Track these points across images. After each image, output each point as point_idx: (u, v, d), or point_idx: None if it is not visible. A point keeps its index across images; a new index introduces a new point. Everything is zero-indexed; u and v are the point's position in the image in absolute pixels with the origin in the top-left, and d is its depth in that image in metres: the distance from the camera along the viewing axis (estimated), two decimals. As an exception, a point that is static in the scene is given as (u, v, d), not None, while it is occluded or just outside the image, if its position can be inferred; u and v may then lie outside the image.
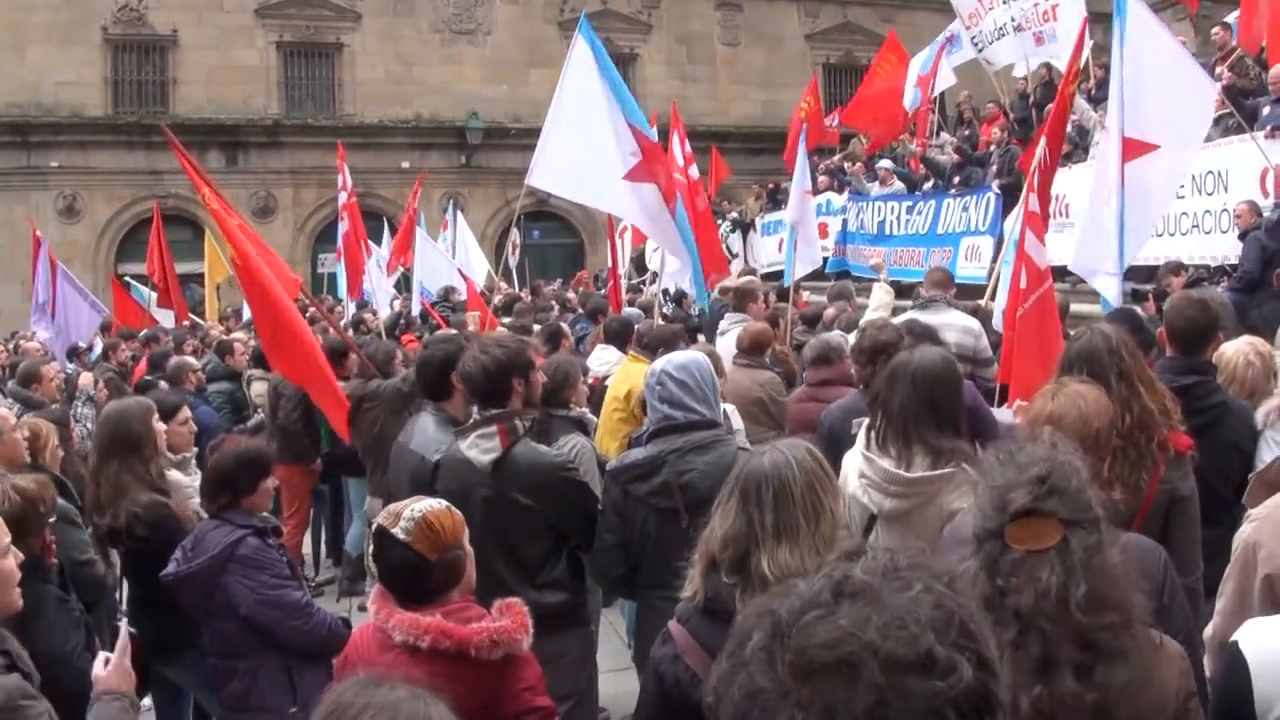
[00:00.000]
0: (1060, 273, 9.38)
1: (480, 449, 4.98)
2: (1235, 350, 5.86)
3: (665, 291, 15.17)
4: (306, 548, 11.18)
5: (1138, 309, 8.85)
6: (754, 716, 1.32)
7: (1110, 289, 8.56)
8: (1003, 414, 6.81)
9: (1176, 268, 10.54)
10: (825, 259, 20.75)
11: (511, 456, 4.96)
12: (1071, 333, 5.83)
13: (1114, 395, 4.03)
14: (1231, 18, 16.03)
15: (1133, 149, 8.36)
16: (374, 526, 3.77)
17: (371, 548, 3.76)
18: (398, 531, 3.62)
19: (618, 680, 6.73)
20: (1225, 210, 12.60)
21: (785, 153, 16.78)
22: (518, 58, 31.16)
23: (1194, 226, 13.20)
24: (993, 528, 2.60)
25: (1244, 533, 3.65)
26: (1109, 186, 8.46)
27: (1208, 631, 3.69)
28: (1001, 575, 2.55)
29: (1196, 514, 4.48)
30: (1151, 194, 8.73)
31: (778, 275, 14.29)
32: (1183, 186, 13.41)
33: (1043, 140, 8.92)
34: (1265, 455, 5.01)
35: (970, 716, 1.29)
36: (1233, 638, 2.82)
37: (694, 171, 12.96)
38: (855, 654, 1.29)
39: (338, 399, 8.57)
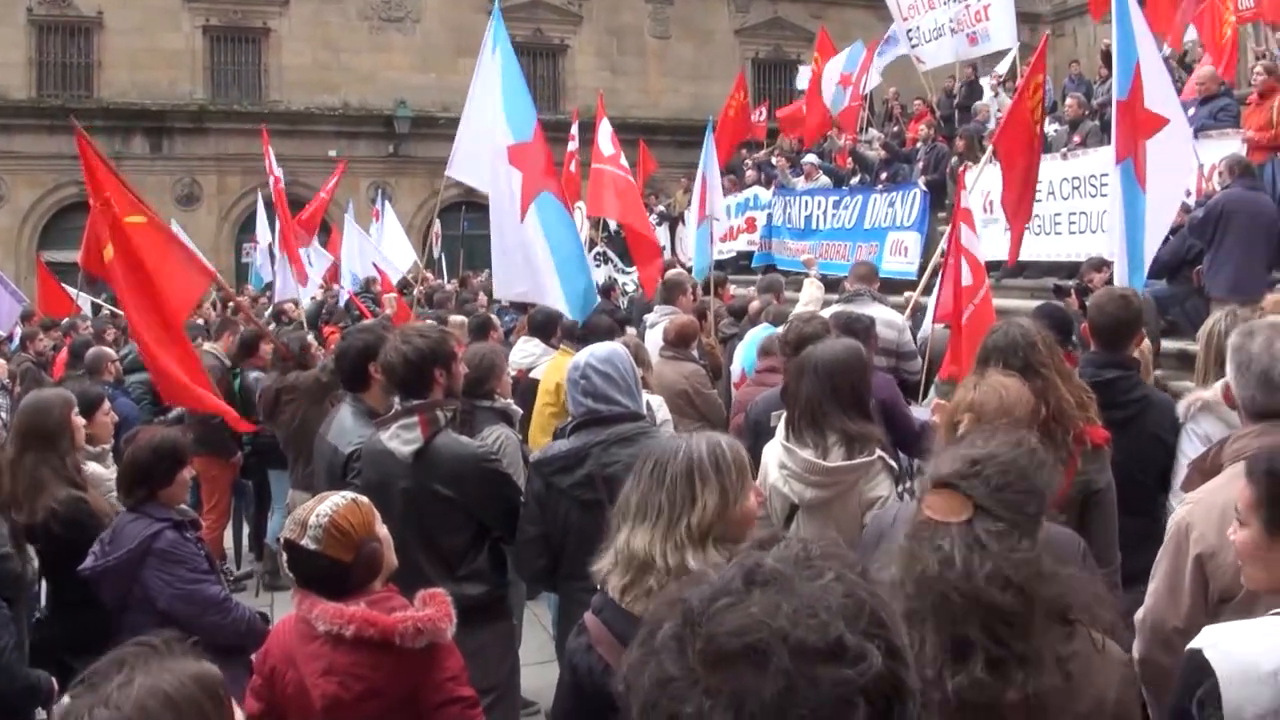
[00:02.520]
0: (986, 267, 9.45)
1: (401, 440, 4.94)
2: None
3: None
4: (228, 541, 11.06)
5: (1063, 304, 8.96)
6: (663, 705, 1.32)
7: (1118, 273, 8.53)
8: (920, 411, 6.91)
9: (1099, 264, 10.67)
10: (752, 253, 20.95)
11: (433, 447, 4.93)
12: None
13: (1031, 388, 4.08)
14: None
15: (1152, 124, 8.35)
16: (281, 540, 3.71)
17: (285, 558, 3.70)
18: (307, 542, 3.56)
19: (544, 672, 6.69)
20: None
21: (719, 150, 16.74)
22: (447, 46, 30.89)
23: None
24: (920, 497, 2.69)
25: (1177, 515, 3.71)
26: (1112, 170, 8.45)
27: (1139, 614, 3.75)
28: (912, 535, 2.64)
29: (1113, 506, 4.58)
30: (1175, 170, 8.70)
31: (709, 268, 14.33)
32: (1106, 185, 13.69)
33: (990, 148, 9.01)
34: (1186, 447, 5.11)
35: (879, 704, 1.29)
36: (1194, 645, 2.79)
37: (624, 161, 12.88)
38: (764, 641, 1.28)
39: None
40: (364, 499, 3.78)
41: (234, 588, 9.09)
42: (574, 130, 14.86)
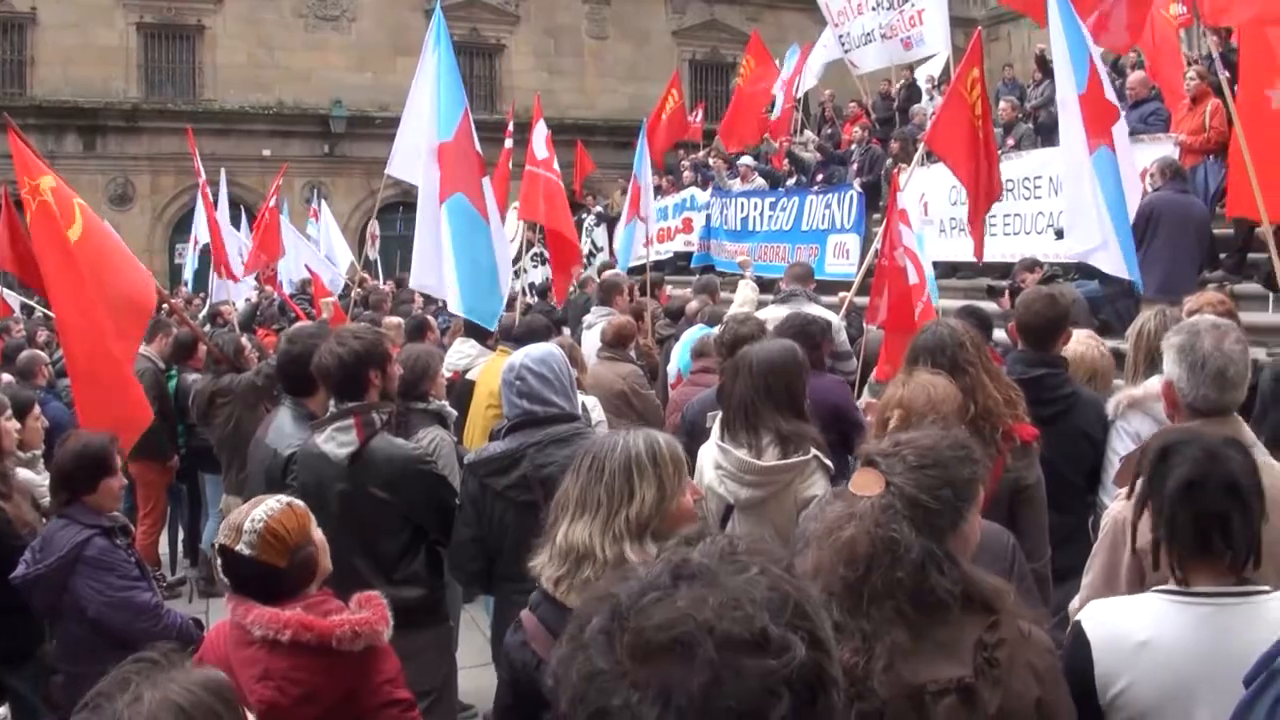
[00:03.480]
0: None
1: (336, 442, 4.92)
2: (1084, 345, 6.15)
3: (531, 285, 15.15)
4: (164, 547, 10.93)
5: (981, 305, 9.06)
6: (591, 698, 1.34)
7: (1111, 263, 8.59)
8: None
9: (1031, 264, 10.82)
10: (690, 253, 21.05)
11: (368, 450, 4.92)
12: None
13: (958, 386, 4.15)
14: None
15: (1111, 114, 8.41)
16: (216, 545, 3.68)
17: (219, 563, 3.67)
18: (242, 548, 3.54)
19: (482, 675, 6.69)
20: (1064, 212, 13.00)
21: (653, 151, 16.86)
22: (383, 45, 30.72)
23: (1049, 225, 13.63)
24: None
25: (1114, 510, 3.76)
26: (1080, 160, 8.49)
27: (1074, 605, 3.82)
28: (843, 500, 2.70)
29: (1043, 502, 4.65)
30: (1130, 154, 8.79)
31: (642, 269, 14.41)
32: (1040, 187, 13.92)
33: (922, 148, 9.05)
34: (1117, 444, 5.21)
35: (803, 694, 1.32)
36: (1076, 617, 2.99)
37: (555, 165, 12.89)
38: (690, 634, 1.31)
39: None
40: (299, 503, 3.76)
41: (168, 594, 8.99)
42: (509, 128, 14.82)
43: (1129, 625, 2.91)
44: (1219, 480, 2.91)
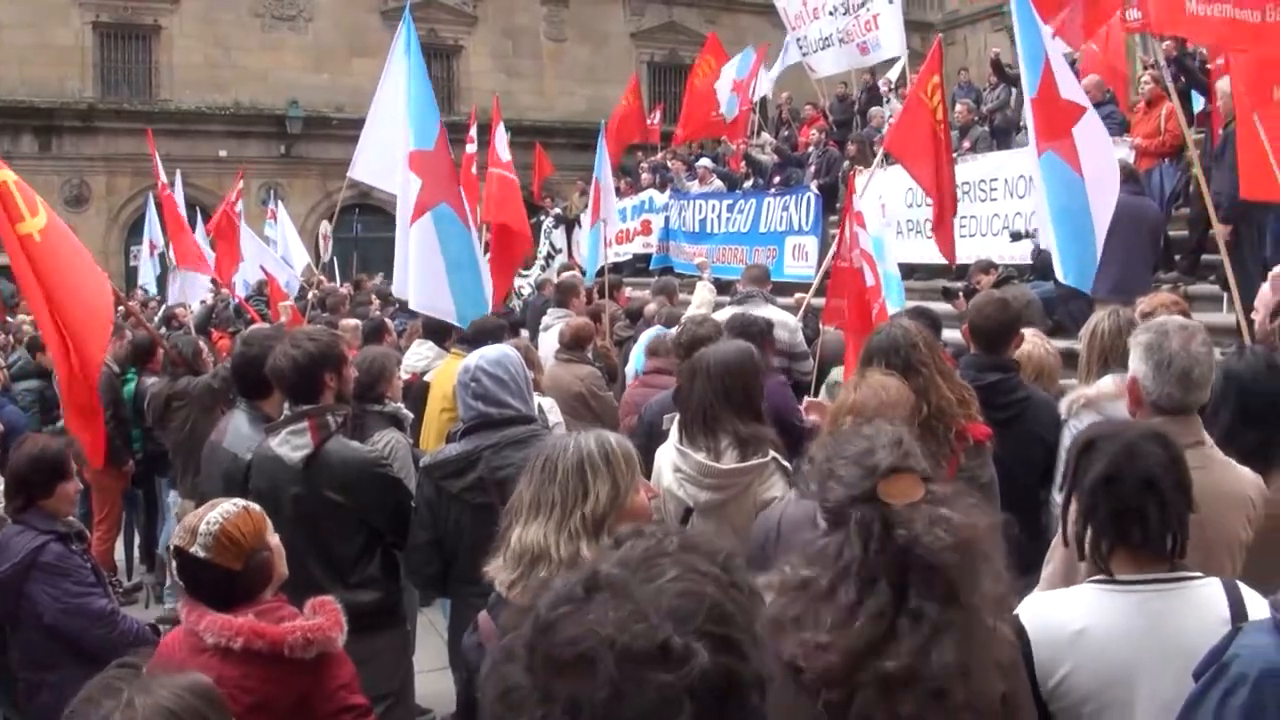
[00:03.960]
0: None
1: (291, 446, 4.89)
2: (1031, 344, 6.27)
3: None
4: (120, 552, 10.84)
5: (930, 306, 9.12)
6: (505, 714, 1.37)
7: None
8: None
9: (987, 266, 10.92)
10: (649, 255, 21.08)
11: (323, 453, 4.89)
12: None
13: (912, 386, 4.17)
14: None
15: (1074, 111, 8.46)
16: (171, 547, 3.66)
17: (174, 565, 3.65)
18: (197, 550, 3.51)
19: (439, 679, 6.67)
20: (1035, 212, 13.10)
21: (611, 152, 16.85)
22: (340, 46, 30.54)
23: (1004, 228, 13.74)
24: (859, 494, 2.55)
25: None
26: (1032, 164, 8.49)
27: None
28: (902, 525, 2.48)
29: (996, 501, 4.66)
30: (1105, 148, 8.78)
31: (601, 271, 14.42)
32: (995, 189, 14.01)
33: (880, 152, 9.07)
34: (1069, 443, 5.24)
35: (707, 700, 1.34)
36: (1015, 610, 2.96)
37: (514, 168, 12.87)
38: (593, 649, 1.33)
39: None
40: (255, 506, 3.73)
41: (125, 600, 8.92)
42: (473, 133, 14.79)
43: (1065, 615, 2.98)
44: (1135, 476, 2.97)
